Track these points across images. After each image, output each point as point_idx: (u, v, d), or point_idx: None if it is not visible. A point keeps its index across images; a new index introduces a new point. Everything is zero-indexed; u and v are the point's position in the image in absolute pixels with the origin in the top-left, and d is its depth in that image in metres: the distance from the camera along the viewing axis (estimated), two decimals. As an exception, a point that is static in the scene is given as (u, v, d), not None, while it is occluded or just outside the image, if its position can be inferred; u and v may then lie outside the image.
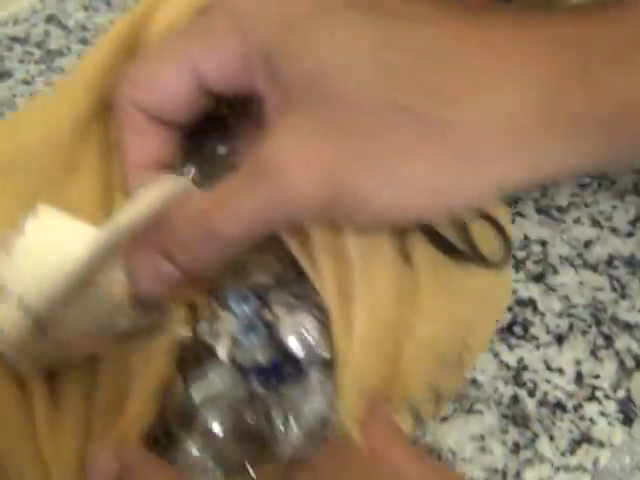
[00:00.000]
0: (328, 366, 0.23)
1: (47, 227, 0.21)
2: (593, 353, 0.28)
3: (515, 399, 0.27)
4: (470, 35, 0.19)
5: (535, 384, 0.27)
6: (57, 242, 0.21)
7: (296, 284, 0.24)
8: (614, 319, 0.28)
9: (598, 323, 0.28)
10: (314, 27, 0.20)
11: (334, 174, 0.20)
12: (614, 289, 0.29)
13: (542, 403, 0.26)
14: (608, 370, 0.27)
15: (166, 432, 0.23)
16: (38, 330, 0.20)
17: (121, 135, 0.23)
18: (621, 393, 0.27)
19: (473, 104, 0.19)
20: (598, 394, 0.27)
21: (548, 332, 0.28)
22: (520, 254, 0.30)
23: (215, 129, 0.27)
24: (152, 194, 0.20)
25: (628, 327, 0.28)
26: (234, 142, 0.26)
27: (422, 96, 0.19)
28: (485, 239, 0.28)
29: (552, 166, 0.20)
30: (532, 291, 0.29)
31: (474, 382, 0.27)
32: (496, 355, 0.28)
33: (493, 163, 0.19)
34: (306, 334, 0.23)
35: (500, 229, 0.28)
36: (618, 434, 0.26)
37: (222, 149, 0.26)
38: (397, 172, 0.19)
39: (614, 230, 0.31)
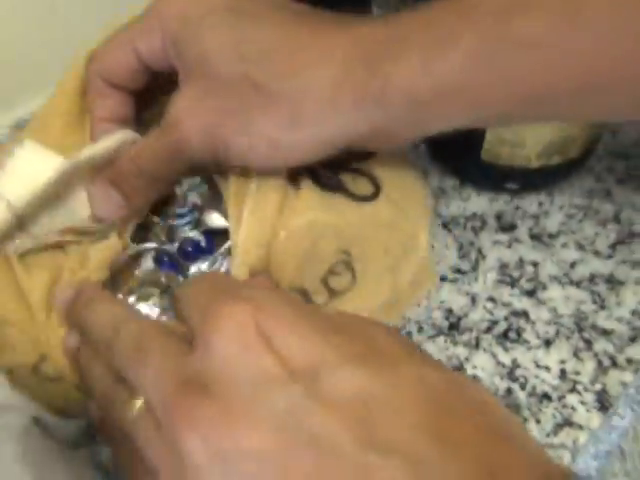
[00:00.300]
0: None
1: (30, 154, 0.29)
2: (575, 354, 0.33)
3: (509, 391, 0.32)
4: (301, 31, 0.27)
5: (526, 379, 0.32)
6: (36, 164, 0.29)
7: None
8: (594, 326, 0.34)
9: (580, 330, 0.34)
10: (202, 24, 0.27)
11: (211, 127, 0.27)
12: (594, 302, 0.35)
13: (531, 394, 0.32)
14: (587, 368, 0.33)
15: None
16: (20, 225, 0.28)
17: (89, 98, 0.31)
18: (598, 386, 0.32)
19: (299, 79, 0.26)
20: (578, 387, 0.32)
21: (538, 337, 0.34)
22: (515, 273, 0.36)
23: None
24: (109, 140, 0.29)
25: (605, 333, 0.34)
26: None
27: (264, 73, 0.26)
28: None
29: (352, 129, 0.27)
30: (525, 304, 0.35)
31: (475, 377, 0.33)
32: (494, 356, 0.33)
33: (312, 125, 0.26)
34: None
35: (372, 179, 0.33)
36: (595, 419, 0.31)
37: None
38: (251, 126, 0.26)
39: (596, 252, 0.37)
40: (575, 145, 0.37)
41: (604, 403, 0.31)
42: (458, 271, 0.36)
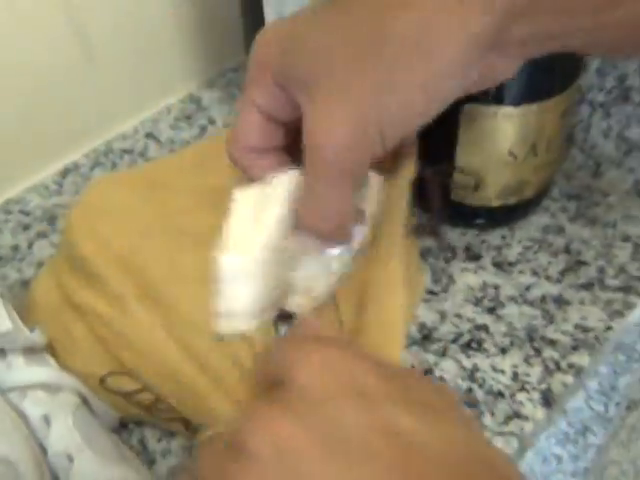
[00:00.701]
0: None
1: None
2: (526, 360, 0.40)
3: (470, 390, 0.39)
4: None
5: (484, 380, 0.39)
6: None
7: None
8: (543, 338, 0.40)
9: (531, 340, 0.40)
10: (295, 44, 0.27)
11: (356, 126, 0.26)
12: (544, 317, 0.41)
13: (488, 392, 0.38)
14: (536, 371, 0.39)
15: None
16: None
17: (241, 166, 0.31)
18: (544, 386, 0.38)
19: (412, 21, 0.25)
20: (527, 387, 0.38)
21: (495, 346, 0.40)
22: (479, 294, 0.43)
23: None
24: (287, 182, 0.29)
25: (552, 343, 0.40)
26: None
27: (375, 46, 0.26)
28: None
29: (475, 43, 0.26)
30: (486, 319, 0.42)
31: (441, 379, 0.39)
32: (458, 362, 0.40)
33: (442, 51, 0.25)
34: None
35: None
36: (539, 412, 0.37)
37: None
38: (392, 89, 0.26)
39: (548, 277, 0.44)
40: (529, 187, 0.44)
41: (548, 400, 0.38)
42: (431, 292, 0.43)
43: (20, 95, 0.50)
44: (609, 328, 0.41)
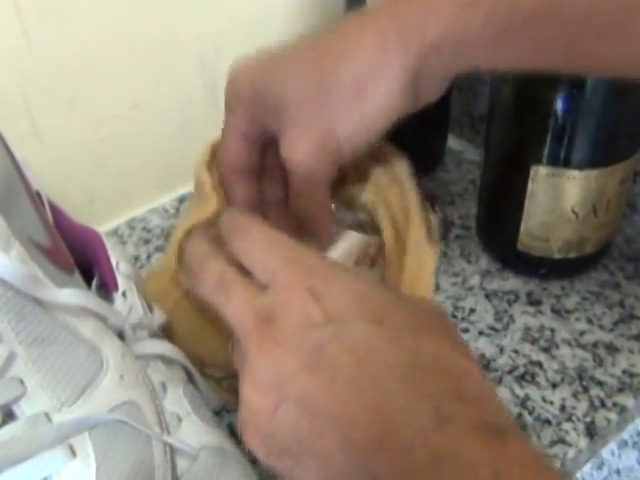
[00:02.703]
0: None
1: None
2: (574, 395, 0.44)
3: (519, 415, 0.43)
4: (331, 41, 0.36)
5: (534, 408, 0.44)
6: None
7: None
8: (592, 378, 0.45)
9: (580, 379, 0.45)
10: (264, 78, 0.36)
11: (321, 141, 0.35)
12: (594, 360, 0.46)
13: (536, 419, 0.43)
14: (582, 405, 0.43)
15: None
16: None
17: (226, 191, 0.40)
18: (588, 419, 0.43)
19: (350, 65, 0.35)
20: (573, 418, 0.43)
21: (547, 381, 0.45)
22: (536, 335, 0.48)
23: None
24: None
25: (599, 383, 0.45)
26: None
27: (329, 81, 0.35)
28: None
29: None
30: (540, 357, 0.46)
31: (495, 403, 0.44)
32: (511, 390, 0.45)
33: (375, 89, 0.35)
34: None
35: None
36: (582, 441, 0.42)
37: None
38: (341, 121, 0.35)
39: (601, 326, 0.48)
40: (589, 244, 0.49)
41: (591, 431, 0.42)
42: (492, 329, 0.48)
43: (153, 134, 0.59)
44: (654, 376, 0.45)
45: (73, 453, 0.29)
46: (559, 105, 0.43)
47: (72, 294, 0.31)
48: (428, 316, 0.29)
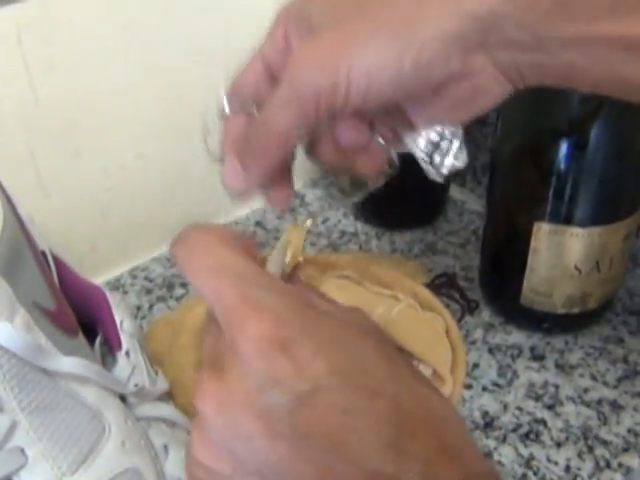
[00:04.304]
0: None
1: None
2: (579, 455, 0.44)
3: (524, 475, 0.43)
4: None
5: (538, 468, 0.43)
6: None
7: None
8: (596, 437, 0.44)
9: (585, 438, 0.44)
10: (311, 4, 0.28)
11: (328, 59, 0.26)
12: (599, 419, 0.46)
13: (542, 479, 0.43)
14: (587, 466, 0.43)
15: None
16: None
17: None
18: (593, 480, 0.42)
19: None
20: (578, 479, 0.42)
21: (552, 439, 0.45)
22: (540, 391, 0.47)
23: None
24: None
25: (605, 443, 0.44)
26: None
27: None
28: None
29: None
30: (545, 414, 0.46)
31: (499, 463, 0.43)
32: (516, 449, 0.44)
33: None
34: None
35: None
36: (588, 504, 0.41)
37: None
38: (377, 39, 0.25)
39: (605, 383, 0.48)
40: (592, 299, 0.49)
41: (594, 492, 0.42)
42: (496, 385, 0.48)
43: (157, 184, 0.59)
44: (660, 435, 0.44)
45: (74, 524, 0.29)
46: (561, 163, 0.43)
47: (75, 363, 0.31)
48: (393, 358, 0.26)
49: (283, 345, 0.23)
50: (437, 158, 0.31)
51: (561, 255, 0.46)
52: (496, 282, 0.53)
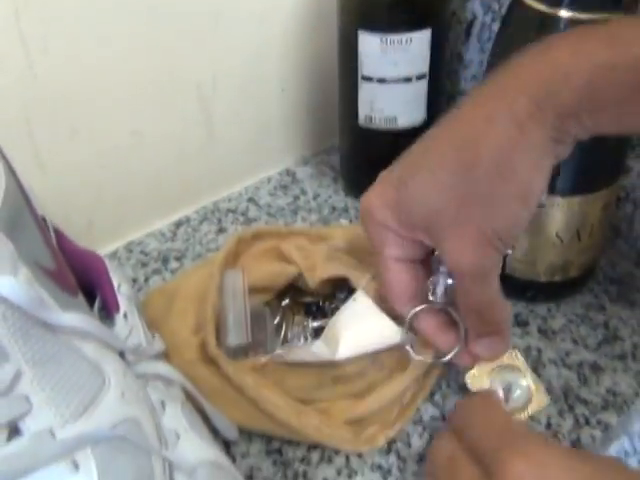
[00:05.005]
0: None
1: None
2: (560, 414, 0.45)
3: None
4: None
5: (521, 426, 0.45)
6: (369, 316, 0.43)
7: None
8: (577, 397, 0.46)
9: (566, 398, 0.46)
10: (410, 209, 0.36)
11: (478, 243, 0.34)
12: (579, 380, 0.47)
13: (523, 437, 0.44)
14: (567, 423, 0.45)
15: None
16: None
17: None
18: (574, 436, 0.44)
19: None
20: (559, 435, 0.44)
21: (534, 400, 0.46)
22: (523, 355, 0.49)
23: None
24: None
25: (584, 402, 0.46)
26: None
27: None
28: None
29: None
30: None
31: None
32: (499, 409, 0.46)
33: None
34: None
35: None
36: (568, 458, 0.43)
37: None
38: (496, 208, 0.34)
39: (586, 346, 0.50)
40: (573, 268, 0.51)
41: (576, 448, 0.43)
42: (481, 349, 0.50)
43: (151, 160, 0.61)
44: (637, 394, 0.46)
45: (76, 467, 0.30)
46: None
47: (76, 318, 0.33)
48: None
49: None
50: None
51: (543, 224, 0.48)
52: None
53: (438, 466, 0.33)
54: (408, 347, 0.42)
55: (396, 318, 0.42)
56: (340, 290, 0.49)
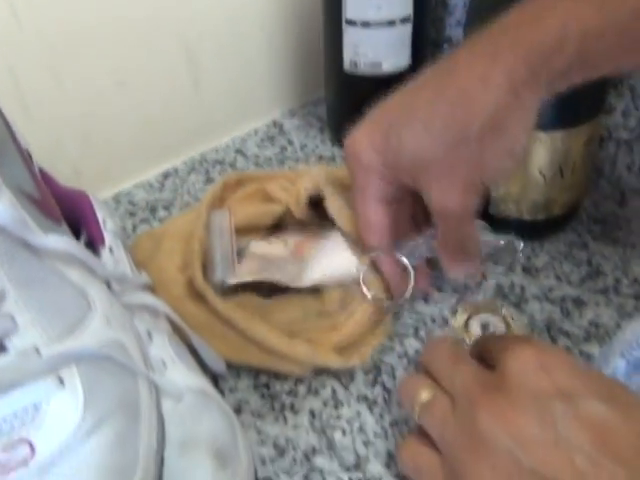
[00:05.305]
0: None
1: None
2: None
3: (491, 364, 0.45)
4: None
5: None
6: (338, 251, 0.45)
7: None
8: (559, 329, 0.47)
9: (549, 330, 0.47)
10: (397, 151, 0.37)
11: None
12: (562, 314, 0.48)
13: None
14: (550, 354, 0.46)
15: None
16: None
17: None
18: (555, 366, 0.45)
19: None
20: (541, 365, 0.45)
21: (517, 332, 0.47)
22: (507, 291, 0.50)
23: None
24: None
25: (567, 334, 0.47)
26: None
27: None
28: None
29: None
30: (511, 311, 0.49)
31: (467, 353, 0.46)
32: (483, 342, 0.47)
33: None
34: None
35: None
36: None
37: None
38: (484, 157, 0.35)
39: (569, 282, 0.50)
40: (556, 206, 0.51)
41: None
42: (465, 287, 0.51)
43: (137, 111, 0.61)
44: (618, 326, 0.47)
45: (62, 384, 0.31)
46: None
47: (59, 240, 0.33)
48: (629, 391, 0.31)
49: (545, 367, 0.30)
50: None
51: (526, 161, 0.49)
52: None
53: (440, 359, 0.35)
54: (363, 286, 0.43)
55: (361, 256, 0.44)
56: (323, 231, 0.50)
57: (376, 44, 0.57)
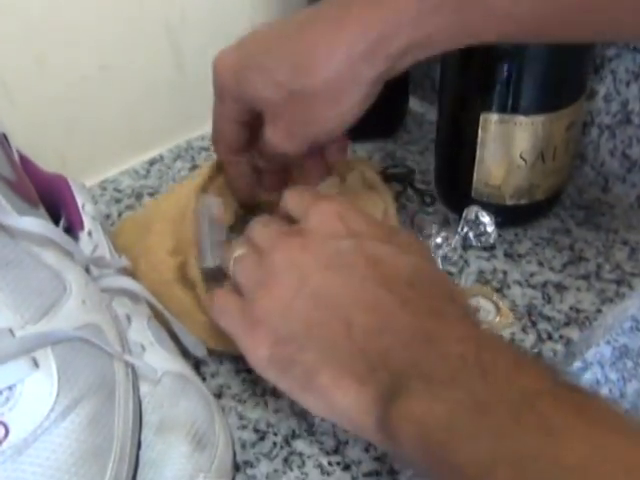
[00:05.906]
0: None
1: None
2: (523, 329, 0.46)
3: (471, 348, 0.45)
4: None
5: (484, 342, 0.46)
6: None
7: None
8: (540, 314, 0.47)
9: (529, 315, 0.47)
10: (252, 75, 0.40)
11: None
12: (543, 298, 0.48)
13: (487, 351, 0.45)
14: (530, 338, 0.46)
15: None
16: None
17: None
18: (535, 351, 0.45)
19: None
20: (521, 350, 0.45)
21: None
22: (489, 277, 0.50)
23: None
24: None
25: (547, 318, 0.47)
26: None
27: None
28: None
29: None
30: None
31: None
32: (464, 327, 0.47)
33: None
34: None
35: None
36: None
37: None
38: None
39: (551, 268, 0.50)
40: (539, 191, 0.51)
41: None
42: (449, 273, 0.51)
43: (122, 96, 0.61)
44: (599, 311, 0.47)
45: (36, 365, 0.31)
46: (505, 49, 0.45)
47: (34, 222, 0.33)
48: (419, 244, 0.39)
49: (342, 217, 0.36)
50: None
51: (507, 145, 0.49)
52: (449, 178, 0.55)
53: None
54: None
55: None
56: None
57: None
